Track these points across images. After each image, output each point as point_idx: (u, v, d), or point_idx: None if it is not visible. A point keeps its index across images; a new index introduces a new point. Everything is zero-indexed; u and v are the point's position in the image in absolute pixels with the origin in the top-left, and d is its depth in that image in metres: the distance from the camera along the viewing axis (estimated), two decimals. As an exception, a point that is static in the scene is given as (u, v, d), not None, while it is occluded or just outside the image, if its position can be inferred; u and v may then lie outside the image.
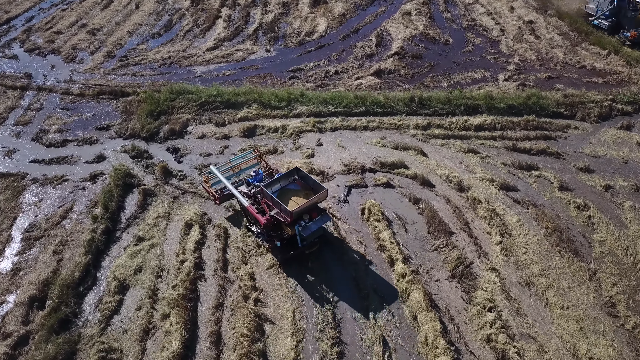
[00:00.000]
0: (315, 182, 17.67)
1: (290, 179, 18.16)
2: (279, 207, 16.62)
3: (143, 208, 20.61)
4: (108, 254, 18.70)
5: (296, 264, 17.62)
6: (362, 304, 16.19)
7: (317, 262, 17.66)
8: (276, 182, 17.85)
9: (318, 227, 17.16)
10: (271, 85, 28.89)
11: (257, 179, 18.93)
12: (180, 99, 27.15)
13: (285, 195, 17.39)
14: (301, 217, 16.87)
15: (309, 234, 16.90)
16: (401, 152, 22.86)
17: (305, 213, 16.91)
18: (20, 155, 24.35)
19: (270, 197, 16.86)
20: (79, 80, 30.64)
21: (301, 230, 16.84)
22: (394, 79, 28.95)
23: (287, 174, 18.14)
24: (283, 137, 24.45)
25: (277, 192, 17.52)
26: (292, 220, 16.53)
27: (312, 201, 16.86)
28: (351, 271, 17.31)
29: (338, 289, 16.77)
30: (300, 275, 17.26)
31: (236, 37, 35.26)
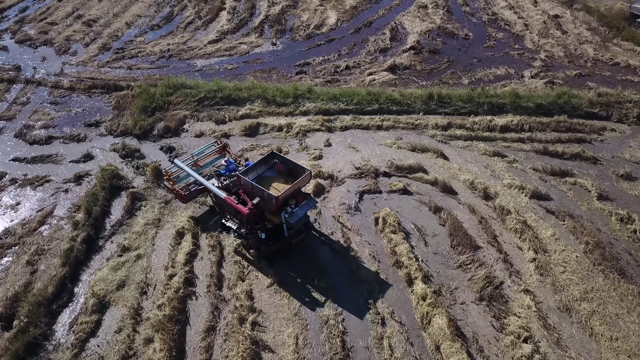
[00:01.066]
0: (295, 164, 16.33)
1: (267, 165, 16.74)
2: (262, 194, 15.17)
3: (130, 213, 18.55)
4: (88, 266, 16.65)
5: (298, 284, 15.51)
6: (376, 330, 14.01)
7: (324, 279, 15.52)
8: (252, 169, 16.35)
9: (305, 212, 15.79)
10: (276, 80, 26.81)
11: (230, 169, 17.50)
12: (177, 94, 25.12)
13: (263, 183, 15.86)
14: (286, 204, 15.47)
15: (297, 220, 15.40)
16: (419, 155, 20.67)
17: (290, 198, 15.53)
18: (0, 153, 22.40)
19: (249, 184, 15.44)
20: (70, 73, 28.70)
21: (288, 217, 15.30)
22: (409, 75, 26.77)
23: (262, 160, 16.65)
24: (288, 136, 22.33)
25: (255, 180, 16.01)
26: (278, 207, 15.16)
27: (297, 184, 15.51)
28: (363, 291, 15.13)
29: (348, 311, 14.61)
30: (304, 295, 15.13)
31: (240, 30, 33.22)
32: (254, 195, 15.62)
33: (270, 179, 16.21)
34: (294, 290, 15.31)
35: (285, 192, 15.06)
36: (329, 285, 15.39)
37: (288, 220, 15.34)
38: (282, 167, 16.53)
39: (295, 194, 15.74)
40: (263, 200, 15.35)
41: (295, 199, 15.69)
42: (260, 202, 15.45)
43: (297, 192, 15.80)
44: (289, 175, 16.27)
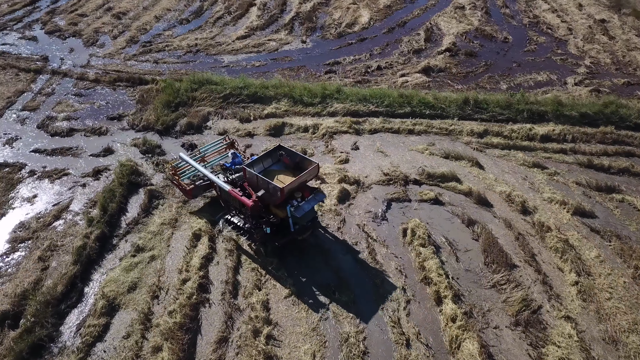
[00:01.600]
0: (303, 157, 15.98)
1: (274, 158, 16.40)
2: (267, 187, 14.78)
3: (147, 212, 17.88)
4: (100, 265, 16.01)
5: (318, 297, 14.54)
6: (400, 352, 12.92)
7: (346, 292, 14.51)
8: (258, 162, 16.05)
9: (311, 206, 15.31)
10: (305, 79, 25.93)
11: (235, 162, 17.18)
12: (202, 90, 24.46)
13: (270, 176, 15.45)
14: (292, 197, 15.08)
15: (303, 214, 14.90)
16: (452, 163, 19.47)
17: (296, 191, 15.18)
18: (21, 144, 22.07)
19: (254, 176, 15.12)
20: (96, 65, 28.38)
21: (293, 210, 14.84)
22: (444, 78, 25.55)
23: (269, 153, 16.37)
24: (314, 137, 21.40)
25: (260, 173, 15.60)
26: (283, 199, 14.74)
27: (303, 177, 15.14)
28: (387, 308, 14.07)
29: (370, 329, 13.58)
30: (324, 308, 14.15)
31: (270, 26, 32.46)
32: (259, 188, 15.20)
33: (276, 173, 15.81)
34: (313, 302, 14.36)
35: (290, 184, 14.67)
36: (351, 299, 14.38)
37: (294, 214, 14.85)
38: (288, 160, 16.14)
39: (302, 188, 15.37)
40: (268, 193, 14.93)
41: (301, 192, 15.28)
42: (265, 195, 15.04)
43: (303, 185, 15.47)
44: (296, 168, 15.87)
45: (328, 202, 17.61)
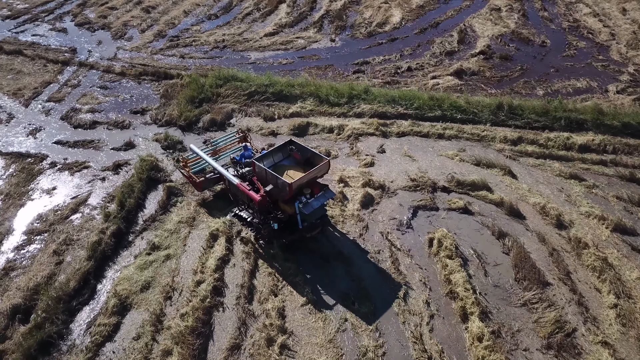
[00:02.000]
0: (314, 153, 15.71)
1: (285, 153, 16.14)
2: (275, 182, 14.53)
3: (165, 209, 17.48)
4: (115, 262, 15.66)
5: (336, 306, 13.86)
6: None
7: (366, 303, 13.78)
8: (268, 156, 15.84)
9: (321, 204, 15.01)
10: (332, 78, 25.27)
11: (245, 156, 16.97)
12: (227, 86, 24.04)
13: (280, 171, 15.17)
14: (301, 193, 14.81)
15: (311, 211, 14.63)
16: (484, 170, 18.55)
17: (305, 188, 14.86)
18: (44, 135, 22.00)
19: (264, 170, 14.83)
20: (123, 58, 28.29)
21: (302, 207, 14.58)
22: (477, 82, 24.57)
23: (280, 147, 16.15)
24: (339, 139, 20.72)
25: (270, 168, 15.28)
26: (292, 195, 14.46)
27: (313, 173, 14.77)
28: (409, 322, 13.29)
29: (390, 344, 12.82)
30: (342, 319, 13.44)
31: (299, 24, 31.91)
32: (267, 182, 14.91)
33: (286, 168, 15.53)
34: (330, 312, 13.67)
35: (299, 179, 14.39)
36: (371, 310, 13.64)
37: (302, 210, 14.57)
38: (299, 155, 15.82)
39: (312, 184, 15.04)
40: (276, 188, 14.64)
41: (311, 189, 14.95)
42: (273, 190, 14.78)
43: (313, 181, 15.11)
44: (307, 164, 15.52)
45: (350, 207, 16.94)
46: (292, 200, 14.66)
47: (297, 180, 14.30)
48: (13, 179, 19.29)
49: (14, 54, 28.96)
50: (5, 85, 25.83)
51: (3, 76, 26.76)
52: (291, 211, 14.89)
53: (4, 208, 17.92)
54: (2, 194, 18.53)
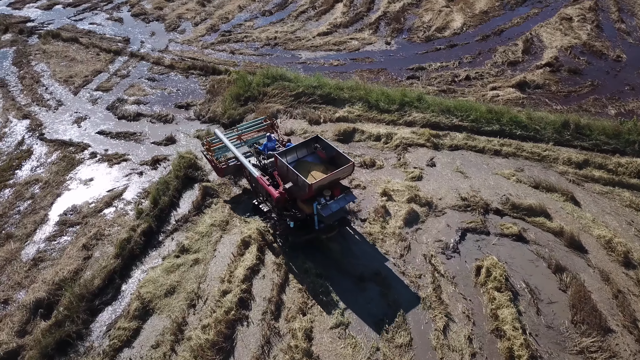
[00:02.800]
0: (339, 153, 14.96)
1: (310, 149, 15.63)
2: (296, 180, 14.01)
3: (199, 210, 16.89)
4: (142, 262, 15.16)
5: (369, 333, 12.76)
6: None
7: (402, 333, 12.61)
8: (292, 151, 15.36)
9: (340, 207, 14.48)
10: (384, 83, 24.11)
11: (268, 147, 16.48)
12: (274, 86, 23.32)
13: (302, 168, 14.79)
14: (321, 194, 14.30)
15: (329, 214, 14.13)
16: (543, 194, 16.94)
17: (326, 189, 14.35)
18: (89, 124, 21.98)
19: (285, 166, 14.32)
20: (174, 50, 28.15)
21: (320, 209, 14.07)
22: (541, 96, 22.78)
23: (305, 143, 15.65)
24: (386, 148, 19.57)
25: (293, 163, 14.99)
26: (311, 196, 14.02)
27: (335, 175, 14.21)
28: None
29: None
30: (374, 348, 12.34)
31: (354, 25, 30.87)
32: (288, 179, 14.48)
33: (309, 165, 15.10)
34: (362, 338, 12.60)
35: (320, 180, 13.85)
36: (406, 341, 12.46)
37: (320, 212, 14.08)
38: (323, 153, 15.33)
39: (333, 185, 14.55)
40: (296, 186, 14.16)
41: (331, 190, 14.45)
42: (292, 188, 14.31)
43: (335, 183, 14.63)
44: (332, 163, 15.04)
45: (392, 224, 15.78)
46: (311, 200, 14.21)
47: (317, 182, 13.78)
48: (54, 166, 19.26)
49: (70, 41, 29.40)
50: (58, 72, 26.15)
51: (57, 63, 27.14)
52: (309, 211, 14.40)
53: (42, 196, 17.84)
54: (42, 182, 18.49)
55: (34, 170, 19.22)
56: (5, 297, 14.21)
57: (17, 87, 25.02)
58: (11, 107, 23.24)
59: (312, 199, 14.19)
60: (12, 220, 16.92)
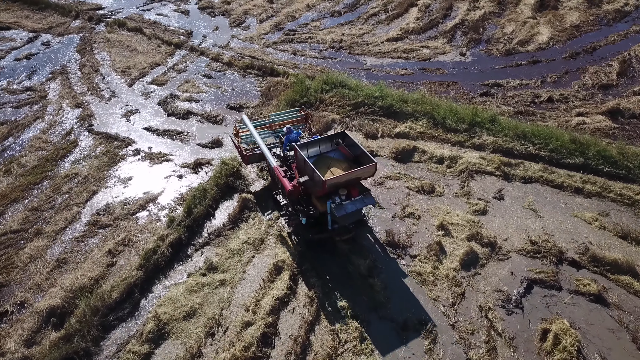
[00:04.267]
0: (364, 152, 14.10)
1: (334, 144, 14.98)
2: (312, 174, 13.38)
3: (234, 224, 15.68)
4: (166, 276, 14.10)
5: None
6: None
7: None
8: (315, 144, 14.85)
9: (356, 209, 13.64)
10: (454, 98, 22.01)
11: (290, 138, 15.73)
12: (333, 93, 21.82)
13: (323, 164, 14.26)
14: (337, 193, 13.57)
15: (343, 215, 13.37)
16: (631, 247, 14.36)
17: (343, 188, 13.63)
18: (137, 118, 21.42)
19: (303, 159, 13.79)
20: (235, 47, 27.32)
21: (334, 208, 13.37)
22: (637, 127, 19.89)
23: (329, 137, 15.07)
24: (449, 172, 17.56)
25: (314, 158, 14.49)
26: (325, 193, 13.34)
27: (354, 174, 13.53)
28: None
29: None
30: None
31: (427, 32, 28.82)
32: (304, 172, 13.91)
33: (330, 161, 14.49)
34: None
35: (336, 177, 13.24)
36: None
37: (333, 211, 13.39)
38: (347, 150, 14.65)
39: (351, 185, 13.77)
40: (311, 181, 13.54)
41: (348, 190, 13.65)
42: (308, 182, 13.72)
43: (353, 182, 13.86)
44: (356, 162, 14.31)
45: (447, 265, 13.85)
46: (326, 198, 13.55)
47: (333, 178, 13.15)
48: (95, 161, 18.73)
49: (135, 31, 29.31)
50: (117, 62, 25.97)
51: (118, 52, 27.02)
52: (323, 209, 13.75)
53: (78, 192, 17.28)
54: (81, 176, 17.98)
55: (76, 163, 18.78)
56: (22, 298, 13.58)
57: (76, 75, 25.01)
58: (67, 95, 23.15)
59: (326, 197, 13.53)
60: (45, 214, 16.44)
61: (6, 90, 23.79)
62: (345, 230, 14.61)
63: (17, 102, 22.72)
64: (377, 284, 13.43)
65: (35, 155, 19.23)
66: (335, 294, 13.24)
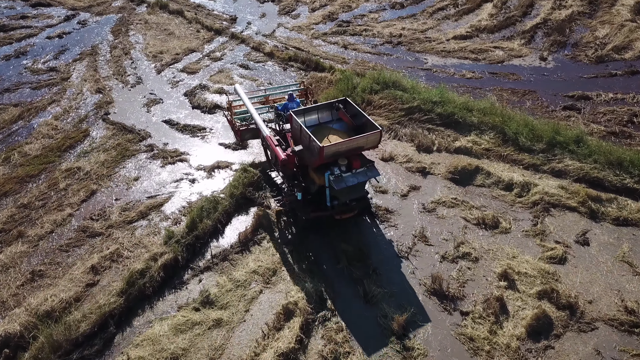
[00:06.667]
0: (369, 120, 12.76)
1: (334, 112, 13.56)
2: (307, 142, 12.13)
3: (245, 247, 13.00)
4: (152, 306, 11.60)
5: None
6: None
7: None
8: (313, 111, 13.51)
9: (358, 182, 12.32)
10: (530, 110, 18.42)
11: (289, 107, 14.30)
12: (384, 94, 18.77)
13: (321, 134, 12.82)
14: (336, 163, 12.25)
15: (343, 188, 12.06)
16: None
17: (343, 157, 12.25)
18: (159, 110, 19.20)
19: (298, 126, 12.46)
20: (279, 37, 24.74)
21: (333, 180, 12.02)
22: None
23: (329, 104, 13.61)
24: (518, 203, 14.16)
25: (312, 128, 13.00)
26: (323, 162, 12.03)
27: (355, 141, 12.20)
28: None
29: None
30: None
31: (502, 30, 25.12)
32: (300, 141, 12.66)
33: (330, 131, 13.07)
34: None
35: (335, 145, 11.94)
36: None
37: (332, 184, 12.01)
38: (348, 118, 13.24)
39: (352, 155, 12.37)
40: (308, 150, 12.31)
41: (349, 160, 12.26)
42: (303, 152, 12.57)
43: (355, 152, 12.47)
44: (360, 132, 12.64)
45: (508, 330, 10.58)
46: (324, 170, 12.19)
47: (331, 145, 11.84)
48: (102, 155, 16.58)
49: (175, 13, 27.35)
50: (151, 46, 23.99)
51: (154, 36, 25.07)
52: (320, 182, 12.46)
53: (75, 189, 15.15)
54: (82, 171, 15.85)
55: (81, 155, 16.71)
56: (-19, 318, 11.50)
57: (104, 57, 23.19)
58: (90, 78, 21.29)
59: (325, 168, 12.15)
60: (33, 214, 14.37)
61: (29, 69, 22.23)
62: (345, 208, 12.96)
63: (37, 83, 21.06)
64: (414, 346, 10.39)
65: (41, 143, 17.34)
66: (358, 353, 10.30)
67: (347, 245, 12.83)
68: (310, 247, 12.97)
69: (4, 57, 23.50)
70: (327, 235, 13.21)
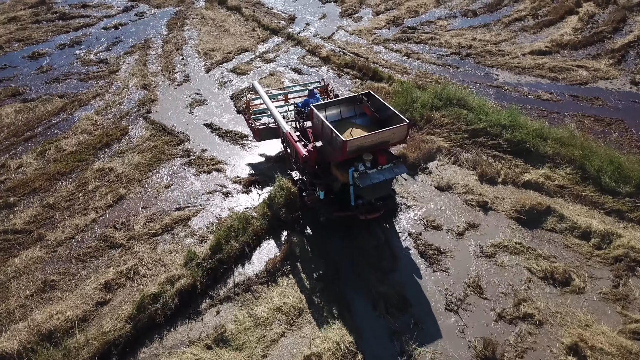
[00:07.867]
0: (395, 113, 11.94)
1: (357, 107, 12.85)
2: (330, 137, 11.43)
3: (271, 277, 11.66)
4: (161, 338, 10.43)
5: None
6: None
7: None
8: (335, 105, 12.90)
9: (385, 179, 11.45)
10: (616, 143, 16.04)
11: (307, 102, 13.63)
12: (445, 112, 16.95)
13: (344, 129, 12.09)
14: (361, 159, 11.43)
15: (368, 185, 11.24)
16: None
17: (368, 152, 11.44)
18: (202, 111, 18.25)
19: (320, 120, 11.77)
20: (338, 40, 23.32)
21: (357, 177, 11.27)
22: None
23: (352, 98, 12.91)
24: (596, 256, 12.03)
25: (334, 123, 12.06)
26: (346, 158, 11.30)
27: (381, 135, 11.39)
28: None
29: None
30: None
31: (587, 48, 22.60)
32: (322, 137, 12.08)
33: (353, 127, 12.35)
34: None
35: (359, 139, 11.29)
36: None
37: (356, 181, 11.33)
38: (371, 111, 12.46)
39: (378, 151, 11.64)
40: (330, 145, 11.71)
41: (375, 156, 11.51)
42: (325, 148, 12.04)
43: (381, 147, 11.74)
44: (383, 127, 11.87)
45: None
46: (348, 166, 11.54)
47: (355, 139, 11.23)
48: (137, 157, 15.72)
49: (233, 10, 26.66)
50: (203, 42, 23.22)
51: (208, 32, 24.31)
52: (343, 179, 11.83)
53: (103, 193, 14.31)
54: (114, 173, 15.04)
55: (116, 155, 15.94)
56: (-17, 331, 10.73)
57: (155, 52, 22.61)
58: (137, 73, 20.69)
59: (348, 164, 11.48)
60: (57, 216, 13.63)
61: (81, 59, 21.96)
62: (371, 208, 12.31)
63: (85, 75, 20.69)
64: None
65: (78, 138, 16.74)
66: None
67: (387, 288, 11.22)
68: (344, 284, 11.46)
69: (59, 45, 23.45)
70: (363, 272, 11.66)
